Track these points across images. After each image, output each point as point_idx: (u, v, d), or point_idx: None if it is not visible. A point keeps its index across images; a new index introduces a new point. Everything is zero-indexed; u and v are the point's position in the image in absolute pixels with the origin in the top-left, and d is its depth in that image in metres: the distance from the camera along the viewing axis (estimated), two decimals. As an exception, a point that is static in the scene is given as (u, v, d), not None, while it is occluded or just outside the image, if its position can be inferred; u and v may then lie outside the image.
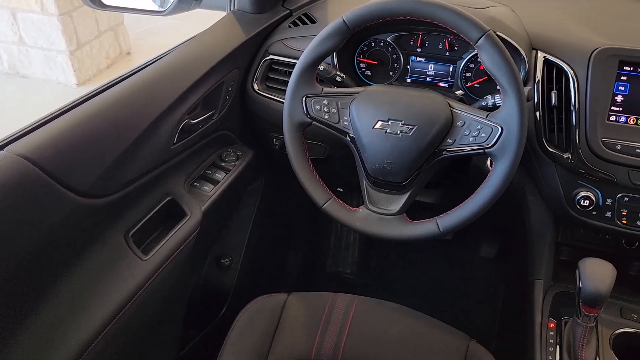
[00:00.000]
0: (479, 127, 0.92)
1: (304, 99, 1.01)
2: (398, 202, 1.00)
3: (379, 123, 0.96)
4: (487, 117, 0.91)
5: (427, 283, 1.86)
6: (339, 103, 1.00)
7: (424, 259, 1.90)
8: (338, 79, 1.11)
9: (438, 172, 1.24)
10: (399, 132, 0.95)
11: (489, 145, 0.91)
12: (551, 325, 1.06)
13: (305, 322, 1.10)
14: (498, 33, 1.03)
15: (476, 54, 1.10)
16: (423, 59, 1.21)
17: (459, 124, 0.94)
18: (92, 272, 0.90)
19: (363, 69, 1.26)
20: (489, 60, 0.89)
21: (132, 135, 0.93)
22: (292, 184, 1.04)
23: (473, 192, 0.95)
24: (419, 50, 1.20)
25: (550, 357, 1.01)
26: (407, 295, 1.83)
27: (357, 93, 1.00)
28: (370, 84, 1.15)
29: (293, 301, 1.13)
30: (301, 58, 0.99)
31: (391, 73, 1.24)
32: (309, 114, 1.01)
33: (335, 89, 1.02)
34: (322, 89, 1.01)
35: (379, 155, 0.97)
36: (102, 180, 0.89)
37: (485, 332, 1.61)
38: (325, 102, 1.01)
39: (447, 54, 1.18)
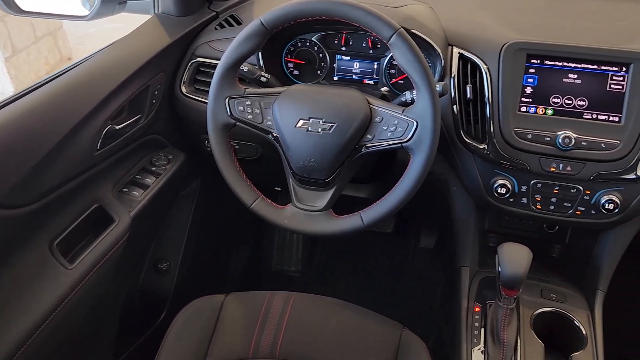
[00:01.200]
0: (395, 122, 0.95)
1: (226, 100, 1.02)
2: (324, 199, 1.03)
3: (301, 122, 0.98)
4: (403, 112, 0.95)
5: (371, 276, 1.89)
6: (261, 103, 1.02)
7: (367, 252, 1.93)
8: (263, 79, 1.12)
9: (366, 167, 1.28)
10: (320, 130, 0.97)
11: (406, 139, 0.94)
12: (476, 309, 1.10)
13: (242, 322, 1.10)
14: (413, 30, 1.07)
15: None
16: (348, 58, 1.24)
17: (377, 119, 0.96)
18: (13, 283, 0.88)
19: (291, 69, 1.28)
20: (401, 57, 0.92)
21: (49, 143, 0.92)
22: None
23: None
24: (343, 49, 1.23)
25: (475, 340, 1.05)
26: (351, 289, 1.86)
27: (280, 93, 1.01)
28: (299, 84, 1.17)
29: (231, 302, 1.13)
30: (221, 60, 1.00)
31: (319, 72, 1.26)
32: (233, 115, 1.02)
33: (258, 90, 1.03)
34: (245, 89, 1.02)
35: (303, 153, 0.99)
36: (19, 190, 0.87)
37: (426, 320, 1.66)
38: (248, 102, 1.02)
39: (371, 51, 1.22)
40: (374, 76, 1.24)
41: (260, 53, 1.18)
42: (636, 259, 1.24)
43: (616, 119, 1.02)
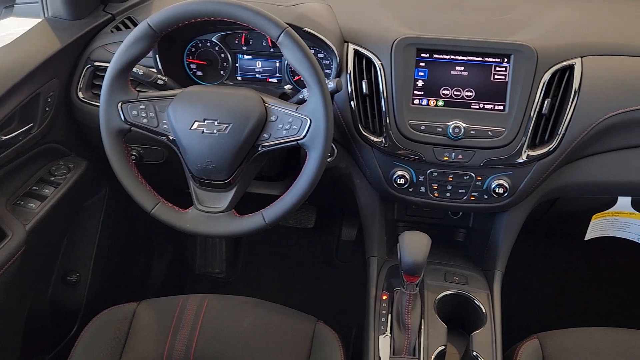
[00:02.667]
0: (290, 120, 0.96)
1: (119, 105, 1.00)
2: (225, 199, 1.03)
3: (196, 124, 0.98)
4: (297, 110, 0.96)
5: (295, 272, 1.91)
6: (156, 107, 1.00)
7: (291, 249, 1.95)
8: (159, 82, 1.10)
9: (275, 164, 1.29)
10: (215, 131, 0.97)
11: (301, 136, 0.95)
12: (384, 297, 1.14)
13: (156, 328, 1.09)
14: (305, 29, 1.09)
15: None
16: (250, 57, 1.24)
17: (272, 118, 0.97)
18: None
19: (194, 70, 1.26)
20: (290, 56, 0.93)
21: None
22: None
23: None
24: (244, 48, 1.23)
25: (382, 327, 1.09)
26: (276, 287, 1.87)
27: (174, 95, 1.00)
28: (194, 85, 1.16)
29: (143, 309, 1.12)
30: (110, 65, 0.98)
31: (222, 72, 1.26)
32: (127, 120, 1.00)
33: (152, 93, 1.02)
34: (138, 93, 1.00)
35: (200, 155, 0.99)
36: None
37: (349, 312, 1.69)
38: (142, 106, 1.00)
39: (272, 50, 1.22)
40: (277, 74, 1.25)
41: (157, 55, 1.16)
42: (532, 240, 1.32)
43: (501, 107, 1.08)
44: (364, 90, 1.10)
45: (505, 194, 1.10)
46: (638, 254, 1.68)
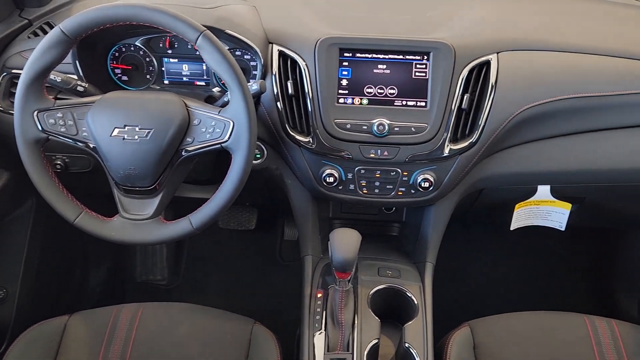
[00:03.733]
0: (213, 123, 0.96)
1: (35, 114, 0.97)
2: (152, 206, 1.01)
3: (116, 130, 0.96)
4: (219, 113, 0.96)
5: (239, 275, 1.90)
6: (74, 114, 0.98)
7: (234, 252, 1.94)
8: (80, 88, 1.07)
9: (207, 168, 1.28)
10: (137, 137, 0.95)
11: (224, 139, 0.95)
12: (319, 295, 1.15)
13: (87, 342, 1.07)
14: (227, 31, 1.09)
15: None
16: (176, 60, 1.23)
17: (195, 122, 0.97)
18: None
19: (119, 75, 1.24)
20: (209, 58, 0.93)
21: None
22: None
23: None
24: (169, 51, 1.22)
25: (317, 325, 1.10)
26: (221, 291, 1.86)
27: (93, 102, 0.98)
28: (114, 91, 1.14)
29: (75, 323, 1.09)
30: (22, 74, 0.95)
31: (148, 76, 1.24)
32: (44, 130, 0.97)
33: (69, 100, 0.99)
34: (55, 101, 0.98)
35: (122, 162, 0.97)
36: None
37: (294, 313, 1.70)
38: (60, 114, 0.97)
39: (197, 53, 1.21)
40: (205, 77, 1.24)
41: (77, 61, 1.13)
42: (462, 231, 1.36)
43: (423, 104, 1.11)
44: (290, 91, 1.11)
45: (431, 188, 1.13)
46: (561, 241, 1.77)
